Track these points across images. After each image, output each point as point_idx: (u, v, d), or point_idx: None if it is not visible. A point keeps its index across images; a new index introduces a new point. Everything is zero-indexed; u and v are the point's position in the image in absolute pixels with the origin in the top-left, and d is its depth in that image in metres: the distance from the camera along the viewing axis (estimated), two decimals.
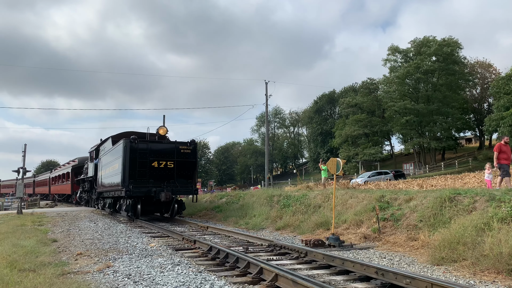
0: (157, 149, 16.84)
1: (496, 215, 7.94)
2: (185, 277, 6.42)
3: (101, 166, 21.60)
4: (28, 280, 5.83)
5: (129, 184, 15.85)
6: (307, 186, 23.38)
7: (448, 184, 20.81)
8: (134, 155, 16.16)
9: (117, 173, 17.02)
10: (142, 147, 16.47)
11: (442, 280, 5.74)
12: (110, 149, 19.27)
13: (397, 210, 10.99)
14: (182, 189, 17.12)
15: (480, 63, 60.47)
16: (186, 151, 17.27)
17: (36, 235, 11.58)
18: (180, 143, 17.44)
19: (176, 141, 17.58)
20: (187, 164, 17.25)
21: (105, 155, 20.83)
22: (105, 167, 20.26)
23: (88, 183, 26.77)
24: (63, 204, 39.26)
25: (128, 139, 16.32)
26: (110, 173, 18.82)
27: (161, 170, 16.70)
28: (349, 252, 9.04)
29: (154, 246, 9.98)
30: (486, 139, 63.40)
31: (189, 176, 17.35)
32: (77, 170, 33.16)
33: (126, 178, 15.94)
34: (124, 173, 16.00)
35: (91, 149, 25.72)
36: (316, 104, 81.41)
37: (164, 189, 16.13)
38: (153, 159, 16.56)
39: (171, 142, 17.86)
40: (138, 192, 16.03)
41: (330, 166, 10.84)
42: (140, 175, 16.21)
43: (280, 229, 13.67)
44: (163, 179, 16.60)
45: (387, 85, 60.10)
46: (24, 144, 25.67)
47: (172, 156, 16.98)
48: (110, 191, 19.16)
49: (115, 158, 17.70)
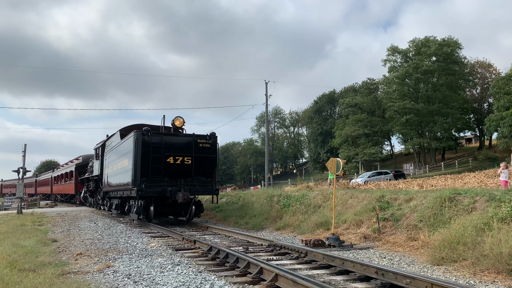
0: (172, 143, 15.00)
1: (496, 215, 7.94)
2: (185, 277, 6.42)
3: (108, 163, 19.80)
4: (28, 280, 5.83)
5: (141, 183, 14.14)
6: (307, 186, 23.32)
7: (448, 184, 20.80)
8: (147, 150, 14.39)
9: (126, 170, 15.33)
10: (155, 141, 14.62)
11: (442, 280, 5.74)
12: (119, 144, 17.38)
13: (397, 210, 10.98)
14: (201, 188, 15.27)
15: (480, 63, 60.46)
16: (205, 145, 15.46)
17: (36, 235, 11.58)
18: (199, 136, 15.57)
19: (194, 134, 15.62)
20: (206, 160, 15.43)
21: (112, 150, 18.95)
22: (113, 164, 18.50)
23: (93, 183, 25.14)
24: (64, 204, 39.16)
25: (139, 131, 14.54)
26: (118, 171, 17.09)
27: (177, 167, 14.89)
28: (349, 252, 9.04)
29: (154, 246, 9.98)
30: (486, 139, 63.39)
31: (209, 174, 15.52)
32: (81, 169, 31.58)
33: (138, 176, 14.23)
34: (136, 170, 14.30)
35: (96, 145, 23.97)
36: (316, 104, 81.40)
37: (181, 188, 14.44)
38: (168, 154, 14.73)
39: (188, 135, 15.71)
40: (152, 192, 14.25)
41: (330, 166, 10.85)
42: (153, 172, 14.48)
43: (280, 229, 13.67)
44: (179, 177, 14.86)
45: (386, 85, 60.13)
46: (24, 144, 25.70)
47: (189, 151, 15.16)
48: (118, 191, 17.51)
49: (124, 153, 15.98)
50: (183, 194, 14.12)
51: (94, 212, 23.58)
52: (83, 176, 28.90)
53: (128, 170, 15.03)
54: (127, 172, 15.20)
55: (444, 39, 55.26)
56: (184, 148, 15.14)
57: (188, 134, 15.74)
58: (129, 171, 14.86)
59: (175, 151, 14.91)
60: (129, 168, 14.87)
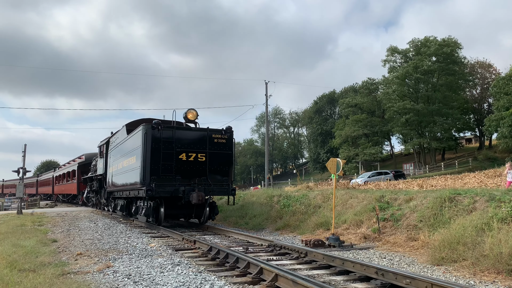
0: (185, 138, 13.84)
1: (496, 215, 7.94)
2: (185, 277, 6.43)
3: (113, 161, 18.65)
4: (28, 280, 5.83)
5: (151, 182, 12.92)
6: (307, 186, 23.36)
7: (448, 184, 20.81)
8: (157, 145, 13.20)
9: (134, 168, 14.20)
10: (166, 135, 13.42)
11: (442, 280, 5.74)
12: (125, 139, 16.17)
13: (397, 210, 10.99)
14: (216, 188, 13.96)
15: (480, 63, 60.46)
16: (220, 140, 14.23)
17: (36, 235, 11.58)
18: (214, 130, 14.37)
19: (209, 128, 14.40)
20: (221, 156, 14.20)
21: (117, 147, 17.82)
22: (118, 162, 17.27)
23: (97, 182, 23.90)
24: (64, 204, 39.11)
25: (149, 124, 13.40)
26: (124, 169, 15.94)
27: (190, 164, 13.69)
28: (349, 252, 9.04)
29: (154, 246, 9.98)
30: (486, 139, 63.39)
31: (225, 172, 14.29)
32: (84, 168, 30.14)
33: (147, 175, 13.04)
34: (145, 168, 13.11)
35: (100, 142, 22.82)
36: (316, 104, 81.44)
37: (195, 188, 13.21)
38: (180, 150, 13.52)
39: (202, 129, 14.46)
40: (163, 192, 13.02)
41: (330, 166, 10.84)
42: (164, 170, 13.27)
43: (280, 229, 13.67)
44: (192, 176, 13.66)
45: (386, 85, 60.16)
46: (24, 144, 25.71)
47: (203, 147, 13.96)
48: (124, 191, 16.31)
49: (131, 149, 14.83)
50: (197, 195, 12.92)
51: (94, 212, 23.58)
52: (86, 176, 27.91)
53: (135, 168, 13.94)
54: (134, 170, 14.12)
55: (443, 39, 55.27)
56: (198, 143, 13.97)
57: (202, 128, 14.51)
58: (137, 169, 13.72)
59: (187, 147, 13.74)
60: (137, 166, 13.74)
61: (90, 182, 26.52)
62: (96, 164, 24.05)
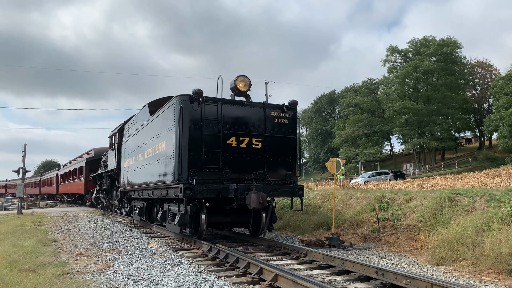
0: (235, 117, 10.01)
1: (496, 215, 7.95)
2: (185, 277, 6.43)
3: (129, 152, 14.88)
4: (28, 280, 5.83)
5: (190, 177, 9.20)
6: (307, 186, 23.36)
7: (448, 184, 20.80)
8: (197, 125, 9.51)
9: (162, 158, 10.59)
10: (210, 112, 9.68)
11: (442, 280, 5.74)
12: (147, 122, 12.48)
13: (397, 210, 10.99)
14: (278, 187, 10.03)
15: (480, 63, 60.47)
16: (281, 120, 10.45)
17: (36, 235, 11.58)
18: (272, 106, 10.56)
19: (266, 103, 10.63)
20: (284, 142, 10.44)
21: (136, 134, 13.95)
22: (137, 153, 13.49)
23: (108, 180, 19.93)
24: (64, 204, 39.04)
25: (186, 95, 9.57)
26: (146, 161, 12.26)
27: (242, 152, 9.91)
28: (349, 252, 9.04)
29: (154, 246, 9.97)
30: (486, 139, 63.38)
31: (288, 165, 10.48)
32: (94, 165, 26.40)
33: (185, 167, 9.28)
34: (181, 158, 9.30)
35: (112, 132, 18.87)
36: (316, 104, 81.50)
37: (251, 186, 9.37)
38: (229, 133, 9.79)
39: (257, 103, 10.50)
40: (207, 191, 9.19)
41: (330, 166, 10.85)
42: (208, 161, 9.49)
43: (280, 229, 13.68)
44: (245, 169, 9.85)
45: (386, 85, 60.18)
46: (24, 144, 25.68)
47: (259, 129, 10.19)
48: (144, 190, 12.58)
49: (157, 133, 11.16)
50: (258, 196, 9.05)
51: (94, 212, 23.56)
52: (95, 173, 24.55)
53: (165, 157, 10.31)
54: (162, 161, 10.55)
55: (443, 39, 55.32)
56: (252, 124, 10.16)
57: (257, 103, 10.51)
58: (168, 158, 10.06)
59: (239, 129, 9.97)
60: (168, 155, 10.07)
61: (100, 180, 22.88)
62: (107, 159, 20.54)
